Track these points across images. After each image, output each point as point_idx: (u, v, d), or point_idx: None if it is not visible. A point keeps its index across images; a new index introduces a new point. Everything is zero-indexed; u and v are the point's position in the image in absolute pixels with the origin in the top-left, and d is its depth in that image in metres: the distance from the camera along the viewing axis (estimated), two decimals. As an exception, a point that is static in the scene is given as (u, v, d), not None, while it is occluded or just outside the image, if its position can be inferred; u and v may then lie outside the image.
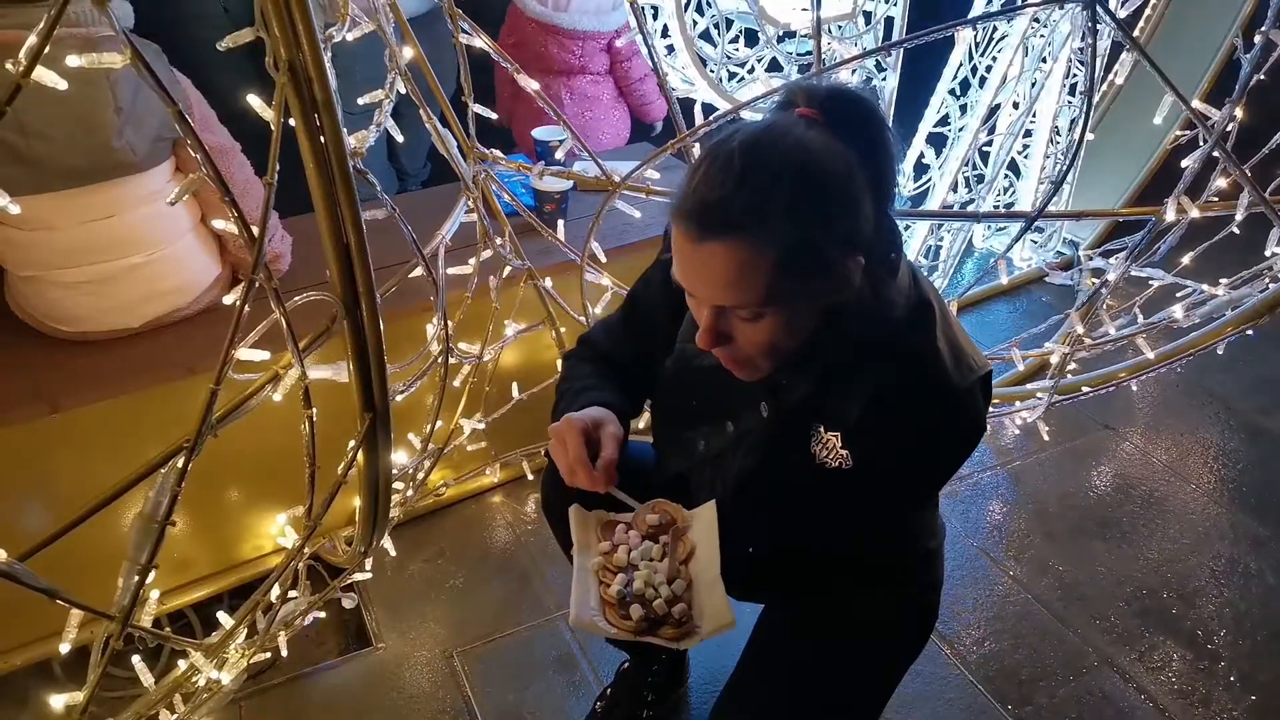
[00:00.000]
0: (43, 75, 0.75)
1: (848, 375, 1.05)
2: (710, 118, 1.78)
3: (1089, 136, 1.74)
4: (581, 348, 1.36)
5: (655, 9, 2.21)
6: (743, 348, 1.01)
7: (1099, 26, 1.58)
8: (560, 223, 2.01)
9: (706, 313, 0.99)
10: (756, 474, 1.15)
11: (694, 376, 1.18)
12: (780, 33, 2.36)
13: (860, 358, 1.04)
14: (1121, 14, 1.67)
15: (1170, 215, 1.74)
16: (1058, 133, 2.92)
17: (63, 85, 0.78)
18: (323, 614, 1.96)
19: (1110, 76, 2.78)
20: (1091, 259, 2.09)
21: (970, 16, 2.41)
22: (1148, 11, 2.67)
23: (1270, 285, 1.92)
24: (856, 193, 0.93)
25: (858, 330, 1.02)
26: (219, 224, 1.57)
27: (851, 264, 0.96)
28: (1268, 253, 1.86)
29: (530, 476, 2.28)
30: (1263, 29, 1.53)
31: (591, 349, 1.34)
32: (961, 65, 2.72)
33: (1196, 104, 1.60)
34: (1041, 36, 2.56)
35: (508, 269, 1.84)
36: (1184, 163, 1.72)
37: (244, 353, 1.00)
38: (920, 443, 1.05)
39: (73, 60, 0.82)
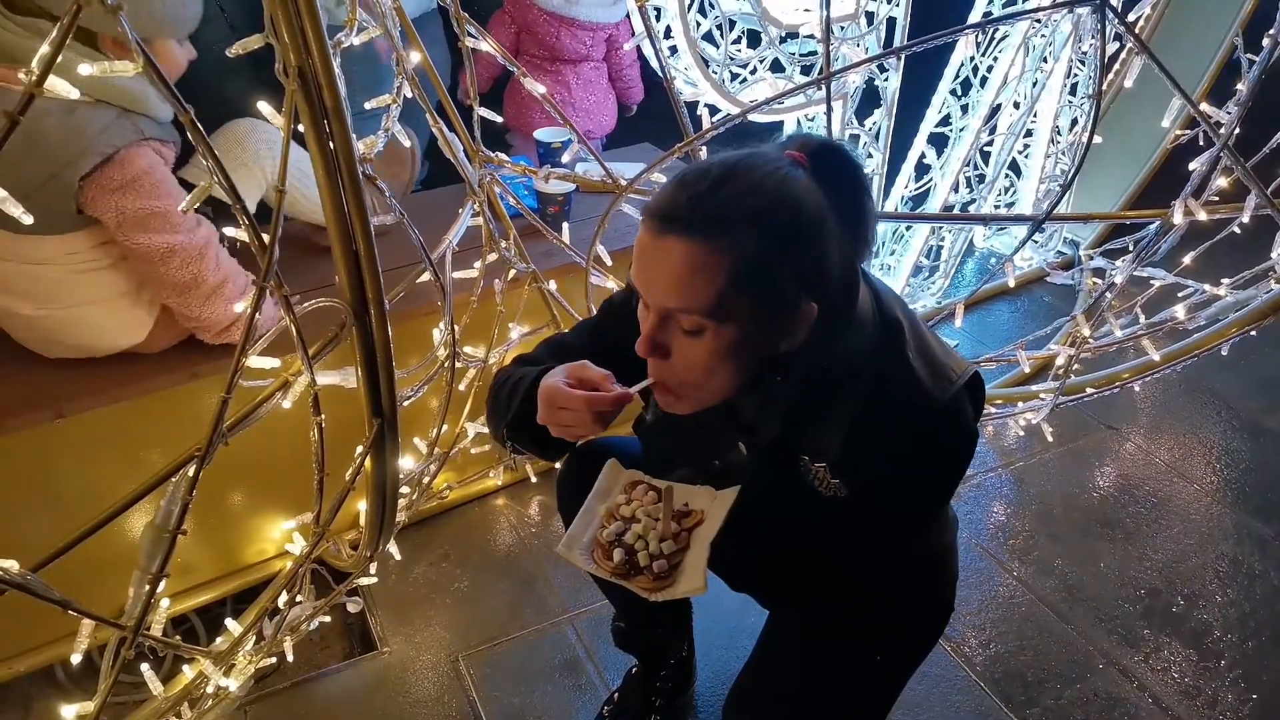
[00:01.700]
0: (55, 85, 0.74)
1: (822, 408, 1.05)
2: (715, 119, 1.77)
3: (1096, 140, 1.74)
4: (516, 363, 1.29)
5: (658, 10, 2.20)
6: (677, 368, 0.99)
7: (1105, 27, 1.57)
8: (565, 225, 2.00)
9: (651, 318, 0.98)
10: (756, 503, 1.15)
11: (670, 423, 1.17)
12: (783, 34, 2.36)
13: (831, 389, 1.04)
14: (1129, 18, 1.67)
15: (1178, 218, 1.74)
16: (1058, 133, 2.92)
17: (74, 94, 0.77)
18: (327, 618, 1.96)
19: (1113, 78, 2.78)
20: (1093, 259, 2.10)
21: (977, 21, 2.41)
22: (1147, 10, 2.67)
23: (1275, 286, 1.92)
24: (825, 235, 0.94)
25: (815, 371, 1.02)
26: (230, 231, 1.56)
27: (804, 308, 0.96)
28: (1273, 254, 1.86)
29: (534, 479, 2.28)
30: (1271, 32, 1.53)
31: (531, 361, 1.27)
32: (963, 65, 2.72)
33: (1204, 107, 1.60)
34: (1043, 37, 2.56)
35: (512, 272, 1.84)
36: (1191, 165, 1.72)
37: (255, 361, 1.00)
38: (913, 462, 1.04)
39: (84, 69, 0.81)
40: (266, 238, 0.94)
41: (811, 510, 1.11)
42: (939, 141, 2.86)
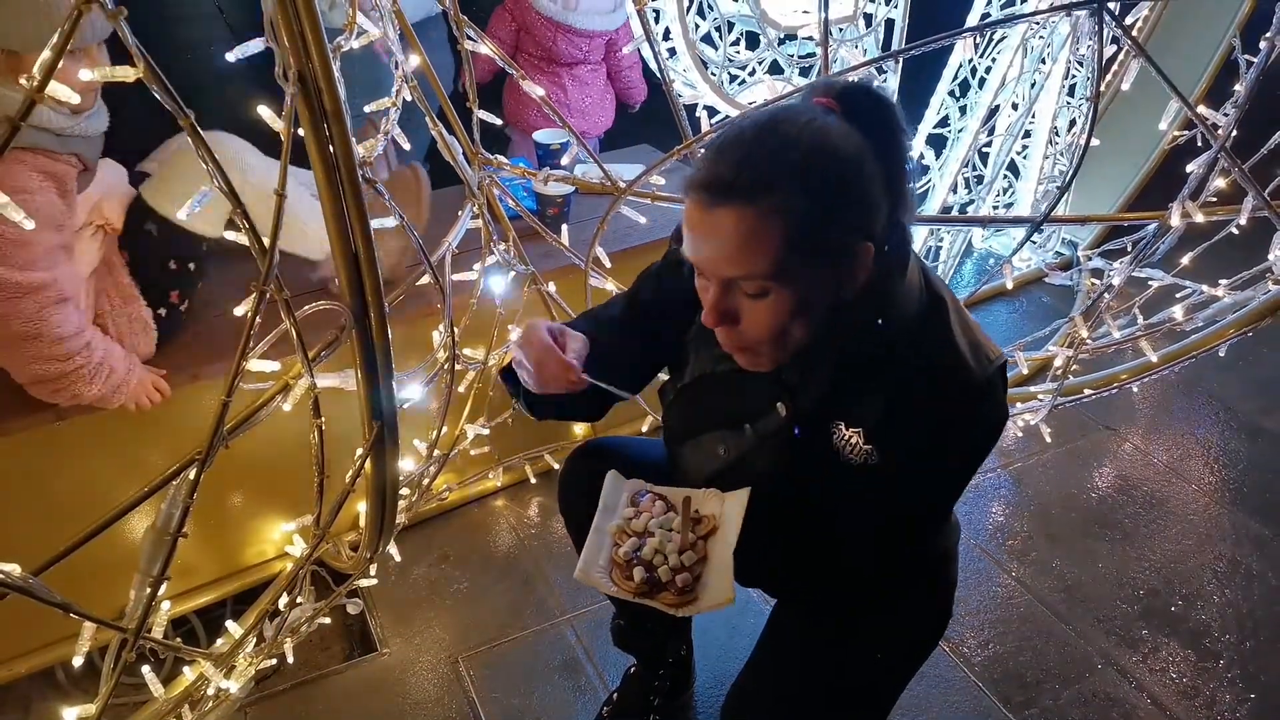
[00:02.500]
0: (56, 90, 0.75)
1: (864, 372, 1.06)
2: (713, 121, 1.78)
3: (1094, 142, 1.74)
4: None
5: (657, 13, 2.21)
6: (747, 331, 1.00)
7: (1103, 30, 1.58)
8: (564, 227, 2.01)
9: (713, 288, 0.98)
10: (780, 475, 1.15)
11: (709, 383, 1.18)
12: (781, 36, 2.37)
13: (876, 355, 1.04)
14: (1127, 20, 1.67)
15: (1175, 220, 1.74)
16: (1056, 133, 2.93)
17: (75, 99, 0.77)
18: (327, 620, 1.96)
19: (1111, 79, 2.78)
20: (1091, 259, 2.10)
21: (975, 23, 2.42)
22: (1145, 12, 2.68)
23: (1272, 287, 1.92)
24: (867, 177, 0.95)
25: (869, 327, 1.03)
26: (230, 235, 1.56)
27: (860, 249, 0.97)
28: (1270, 255, 1.87)
29: (533, 480, 2.28)
30: (1268, 35, 1.53)
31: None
32: (961, 67, 2.72)
33: (1201, 110, 1.61)
34: (1041, 38, 2.57)
35: (512, 274, 1.84)
36: (1189, 167, 1.73)
37: (255, 364, 1.00)
38: (948, 435, 1.05)
39: (85, 74, 0.81)
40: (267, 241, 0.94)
41: (835, 484, 1.11)
42: (937, 142, 2.87)
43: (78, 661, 1.06)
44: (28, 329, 1.40)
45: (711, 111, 2.33)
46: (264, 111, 0.99)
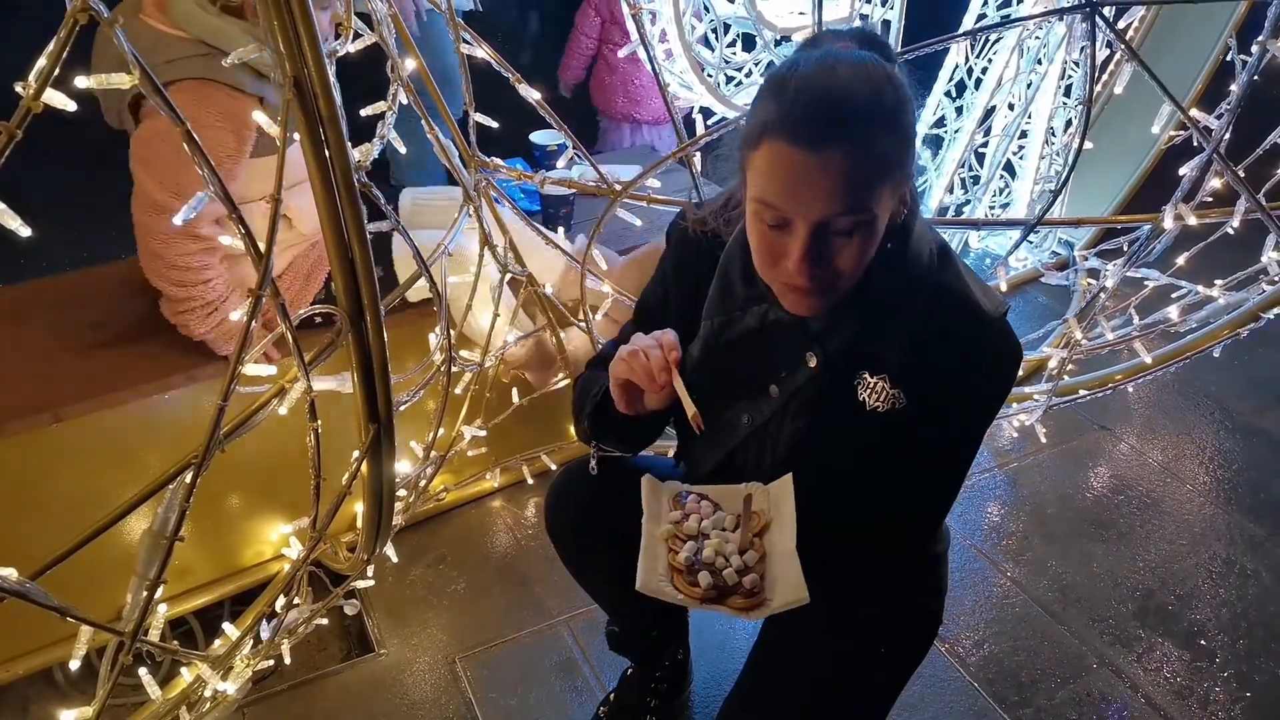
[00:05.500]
0: (53, 98, 0.75)
1: (887, 312, 1.08)
2: (709, 123, 1.78)
3: (1087, 145, 1.75)
4: (593, 363, 1.36)
5: (653, 15, 2.21)
6: (838, 269, 0.99)
7: (1096, 34, 1.58)
8: (561, 229, 2.01)
9: (803, 234, 0.96)
10: (807, 435, 1.14)
11: (730, 348, 1.16)
12: (777, 37, 2.37)
13: (898, 294, 1.07)
14: (1119, 24, 1.68)
15: (1169, 223, 1.75)
16: (1053, 134, 2.93)
17: (71, 106, 0.78)
18: (325, 620, 1.96)
19: (1106, 79, 2.79)
20: (1087, 259, 2.10)
21: (972, 24, 2.42)
22: (1141, 12, 2.68)
23: (1267, 288, 1.93)
24: (915, 114, 1.00)
25: (895, 263, 1.05)
26: (226, 240, 1.57)
27: (912, 175, 1.03)
28: (1264, 257, 1.87)
29: (530, 481, 2.29)
30: (1260, 39, 1.53)
31: (604, 361, 1.31)
32: (958, 68, 2.73)
33: (1195, 113, 1.61)
34: (1037, 39, 2.58)
35: (509, 275, 1.84)
36: (1182, 170, 1.73)
37: (251, 368, 1.00)
38: (970, 370, 1.08)
39: (81, 81, 0.82)
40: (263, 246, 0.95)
41: (862, 440, 1.12)
42: (934, 143, 2.87)
43: (75, 665, 1.07)
44: (155, 246, 1.58)
45: (707, 113, 2.33)
46: (259, 116, 0.99)
